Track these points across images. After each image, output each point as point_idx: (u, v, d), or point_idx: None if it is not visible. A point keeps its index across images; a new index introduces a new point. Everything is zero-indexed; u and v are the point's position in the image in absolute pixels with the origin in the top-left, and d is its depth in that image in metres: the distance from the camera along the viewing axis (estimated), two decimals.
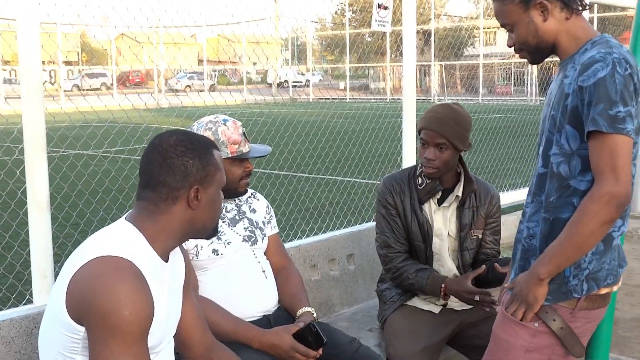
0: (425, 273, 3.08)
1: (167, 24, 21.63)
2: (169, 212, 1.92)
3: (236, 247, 2.83)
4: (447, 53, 36.87)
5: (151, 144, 1.97)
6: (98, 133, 6.84)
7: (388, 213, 3.20)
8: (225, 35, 35.18)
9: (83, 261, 1.80)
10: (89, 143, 7.21)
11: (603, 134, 2.01)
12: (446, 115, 3.04)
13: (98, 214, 6.20)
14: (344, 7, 41.92)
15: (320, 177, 9.97)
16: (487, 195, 3.22)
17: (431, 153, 3.03)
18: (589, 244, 2.08)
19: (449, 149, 3.03)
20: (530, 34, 2.22)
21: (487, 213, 3.21)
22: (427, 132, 3.04)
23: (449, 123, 3.02)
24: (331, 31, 42.68)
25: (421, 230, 3.15)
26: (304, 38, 39.03)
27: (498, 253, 3.27)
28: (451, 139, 3.01)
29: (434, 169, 3.05)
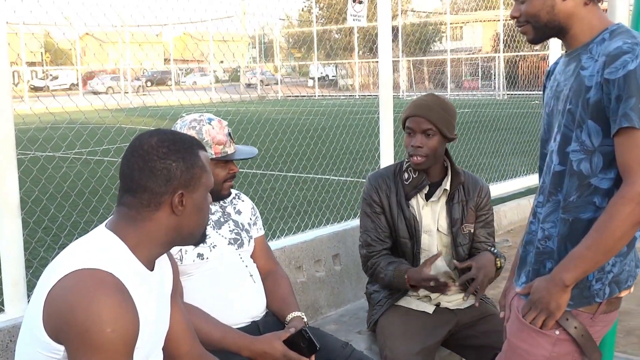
0: (393, 266, 3.00)
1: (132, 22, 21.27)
2: (152, 218, 1.78)
3: (222, 251, 2.71)
4: (414, 49, 36.98)
5: (131, 145, 1.82)
6: (70, 134, 6.64)
7: (372, 211, 3.11)
8: (191, 34, 34.87)
9: (60, 275, 1.66)
10: (60, 144, 7.02)
11: (634, 130, 1.90)
12: (432, 102, 2.99)
13: (71, 218, 6.03)
14: (311, 4, 41.86)
15: (294, 175, 9.87)
16: (476, 187, 3.14)
17: (418, 140, 2.95)
18: (618, 247, 1.97)
19: (436, 136, 2.95)
20: (545, 9, 2.08)
21: (477, 206, 3.13)
22: (414, 119, 2.97)
23: (435, 109, 2.96)
24: (298, 28, 42.59)
25: (408, 226, 3.06)
26: (271, 35, 38.87)
27: (494, 247, 3.18)
28: (438, 125, 2.94)
29: (422, 157, 2.96)
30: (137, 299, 1.71)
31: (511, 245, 6.06)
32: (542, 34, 2.15)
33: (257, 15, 42.83)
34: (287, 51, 43.66)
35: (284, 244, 3.75)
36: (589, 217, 2.02)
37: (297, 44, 40.70)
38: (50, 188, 6.14)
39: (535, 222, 2.20)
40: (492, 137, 12.23)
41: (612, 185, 2.00)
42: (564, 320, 2.07)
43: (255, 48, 38.67)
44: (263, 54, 40.95)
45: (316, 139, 9.73)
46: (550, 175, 2.14)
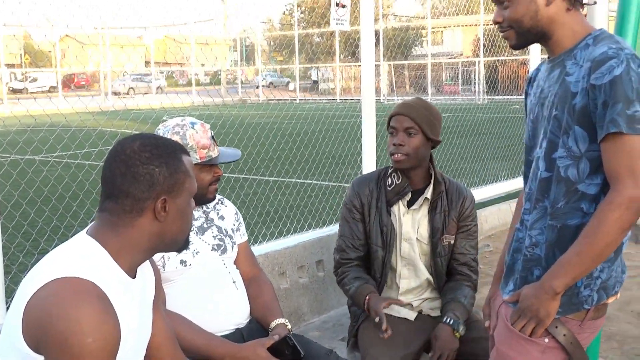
0: (358, 282, 3.00)
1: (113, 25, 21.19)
2: (134, 225, 1.75)
3: (205, 257, 2.69)
4: (395, 53, 37.08)
5: (113, 150, 1.79)
6: (50, 137, 6.56)
7: (351, 217, 3.10)
8: (173, 36, 34.71)
9: (40, 283, 1.62)
10: (40, 148, 6.94)
11: (621, 135, 1.89)
12: (415, 102, 3.00)
13: (51, 223, 5.95)
14: (292, 7, 41.85)
15: (276, 180, 9.84)
16: (460, 197, 3.11)
17: (399, 138, 2.94)
18: (607, 252, 1.97)
19: (418, 135, 2.94)
20: (529, 14, 2.08)
21: (459, 216, 3.09)
22: (396, 117, 2.97)
23: (419, 108, 2.96)
24: (280, 32, 42.56)
25: (382, 233, 3.04)
26: (253, 38, 38.82)
27: (475, 261, 3.17)
28: (420, 124, 2.93)
29: (403, 155, 2.94)
30: (118, 307, 1.68)
31: (492, 250, 6.07)
32: (525, 39, 2.15)
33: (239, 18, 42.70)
34: (268, 54, 43.61)
35: (267, 250, 3.73)
36: (577, 223, 2.02)
37: (279, 47, 40.67)
38: (30, 192, 6.07)
39: (522, 229, 2.19)
40: (472, 141, 12.28)
41: (599, 190, 2.00)
42: (553, 328, 2.06)
43: (237, 51, 38.58)
44: (244, 57, 40.86)
45: (298, 143, 9.71)
46: (536, 181, 2.13)
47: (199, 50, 25.16)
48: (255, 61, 40.31)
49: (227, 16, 26.41)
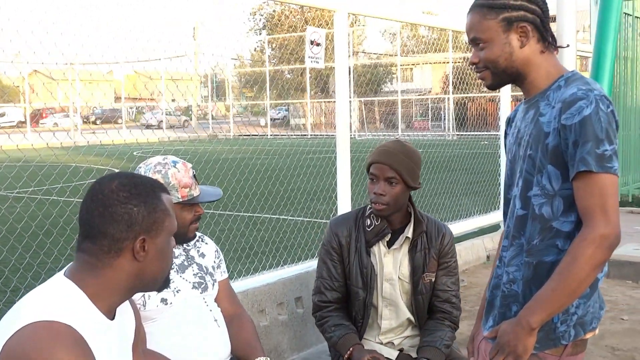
0: (342, 330, 2.99)
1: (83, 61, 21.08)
2: (113, 265, 1.73)
3: (186, 295, 2.66)
4: (365, 89, 37.46)
5: (91, 190, 1.78)
6: (9, 174, 6.47)
7: (329, 258, 3.09)
8: (143, 72, 34.63)
9: (16, 327, 1.59)
10: (13, 184, 6.84)
11: (592, 173, 1.95)
12: (396, 149, 2.96)
13: (24, 260, 5.85)
14: (264, 44, 42.13)
15: (249, 216, 9.80)
16: (439, 234, 3.10)
17: (381, 187, 2.93)
18: (582, 288, 2.00)
19: (399, 184, 2.94)
20: (504, 56, 2.14)
21: (439, 253, 3.09)
22: (377, 165, 2.95)
23: (399, 156, 2.94)
24: (250, 68, 42.77)
25: (362, 275, 3.03)
26: (223, 75, 38.92)
27: (456, 297, 3.15)
28: (402, 173, 2.92)
29: (384, 205, 2.94)
30: (96, 351, 1.65)
31: (467, 285, 6.10)
32: (500, 79, 2.21)
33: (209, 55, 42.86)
34: (238, 90, 43.72)
35: (246, 287, 3.70)
36: (552, 259, 2.06)
37: (249, 84, 40.84)
38: (2, 229, 5.96)
39: (501, 265, 2.23)
40: (443, 177, 12.39)
41: (573, 228, 2.04)
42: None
43: (207, 87, 38.64)
44: (215, 92, 40.92)
45: (274, 179, 9.69)
46: (513, 219, 2.18)
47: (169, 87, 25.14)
48: (226, 97, 40.37)
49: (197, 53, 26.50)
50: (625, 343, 4.63)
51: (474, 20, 2.18)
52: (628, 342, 4.64)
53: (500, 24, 2.12)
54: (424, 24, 7.86)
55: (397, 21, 7.68)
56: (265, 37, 42.55)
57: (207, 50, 27.80)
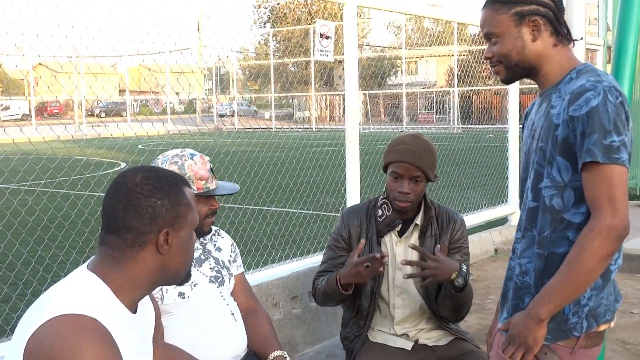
0: (328, 275, 2.98)
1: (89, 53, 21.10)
2: (136, 259, 1.73)
3: (203, 289, 2.67)
4: (370, 82, 37.40)
5: (114, 183, 1.78)
6: (21, 168, 6.48)
7: (335, 246, 3.11)
8: (147, 65, 34.57)
9: (42, 320, 1.60)
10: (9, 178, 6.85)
11: (599, 164, 1.96)
12: (419, 147, 2.97)
13: (21, 257, 5.86)
14: (268, 37, 42.06)
15: (257, 209, 9.81)
16: (450, 221, 3.12)
17: (406, 186, 2.94)
18: (590, 280, 2.01)
19: (422, 181, 2.97)
20: (516, 50, 2.16)
21: (450, 239, 3.09)
22: (403, 165, 2.94)
23: (423, 154, 2.95)
24: (255, 61, 42.70)
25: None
26: (228, 67, 38.88)
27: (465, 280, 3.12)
28: (426, 171, 2.95)
29: (409, 202, 2.97)
30: (120, 344, 1.66)
31: (475, 278, 6.11)
32: (514, 73, 2.22)
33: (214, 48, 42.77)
34: (243, 83, 43.70)
35: (260, 280, 3.72)
36: (564, 251, 2.06)
37: (254, 76, 40.80)
38: (14, 222, 5.98)
39: (513, 257, 2.25)
40: (450, 170, 12.38)
41: (584, 219, 2.05)
42: (543, 355, 2.10)
43: (212, 80, 38.60)
44: (219, 85, 40.89)
45: (283, 172, 9.68)
46: (525, 211, 2.20)
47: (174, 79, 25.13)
48: (231, 90, 40.35)
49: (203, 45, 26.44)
50: (635, 337, 4.63)
51: (487, 15, 2.20)
52: (639, 336, 4.65)
53: (512, 18, 2.14)
54: (431, 16, 7.84)
55: (405, 14, 7.66)
56: (269, 30, 42.50)
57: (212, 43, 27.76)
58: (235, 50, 33.67)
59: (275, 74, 37.58)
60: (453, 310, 3.00)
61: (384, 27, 50.30)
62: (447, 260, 2.83)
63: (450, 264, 2.83)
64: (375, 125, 34.50)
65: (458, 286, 2.83)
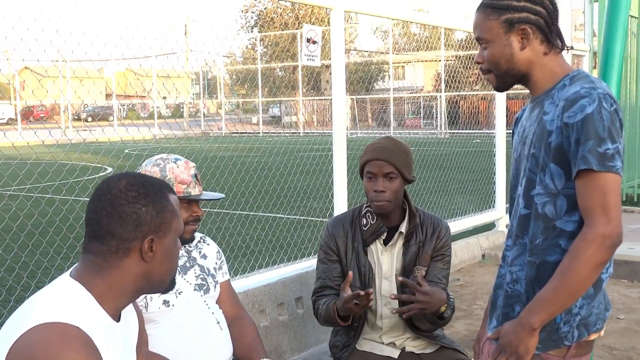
0: (328, 300, 2.95)
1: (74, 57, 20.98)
2: (120, 266, 1.71)
3: (188, 297, 2.64)
4: (358, 87, 37.45)
5: (98, 189, 1.76)
6: (5, 173, 6.41)
7: (327, 258, 3.09)
8: (134, 69, 34.45)
9: (24, 328, 1.57)
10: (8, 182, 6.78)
11: (593, 172, 1.95)
12: (390, 144, 2.97)
13: (5, 263, 5.79)
14: (255, 42, 42.04)
15: (244, 214, 9.77)
16: (436, 229, 3.09)
17: (380, 184, 2.93)
18: (583, 289, 1.99)
19: (397, 179, 2.94)
20: (504, 58, 2.15)
21: (434, 247, 3.07)
22: (375, 162, 2.94)
23: (395, 151, 2.94)
24: (242, 65, 42.66)
25: (360, 274, 3.02)
26: (216, 72, 38.83)
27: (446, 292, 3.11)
28: (399, 167, 2.93)
29: (385, 201, 2.93)
30: (103, 352, 1.64)
31: (462, 284, 6.10)
32: (505, 82, 2.21)
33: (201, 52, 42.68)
34: (230, 87, 43.64)
35: (246, 287, 3.68)
36: (555, 259, 2.05)
37: (241, 81, 40.76)
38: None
39: (504, 265, 2.23)
40: (437, 175, 12.36)
41: (576, 227, 2.03)
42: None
43: (199, 84, 38.53)
44: (206, 89, 40.83)
45: (270, 177, 9.64)
46: (516, 218, 2.18)
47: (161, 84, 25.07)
48: (218, 94, 40.28)
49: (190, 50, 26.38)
50: (622, 342, 4.64)
51: (479, 19, 2.19)
52: (625, 342, 4.65)
53: (502, 25, 2.13)
54: (418, 22, 7.85)
55: (392, 19, 7.66)
56: (257, 35, 42.48)
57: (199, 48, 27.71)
58: (222, 55, 33.64)
59: (263, 78, 37.55)
60: (431, 327, 3.00)
61: (371, 32, 50.38)
62: (436, 293, 2.80)
63: (439, 296, 2.80)
64: (362, 130, 34.49)
65: (446, 317, 2.84)
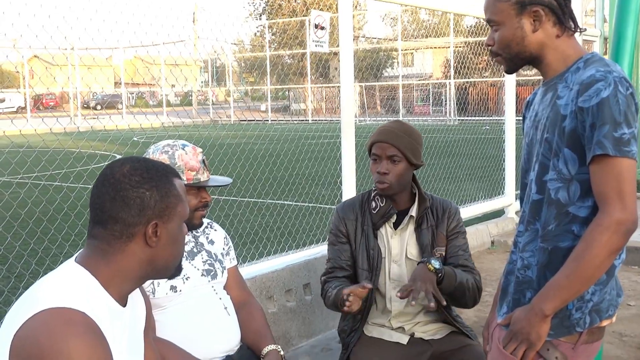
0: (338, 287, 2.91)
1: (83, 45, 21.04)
2: (125, 251, 1.69)
3: (195, 283, 2.63)
4: (366, 74, 37.32)
5: (102, 174, 1.74)
6: (12, 160, 6.41)
7: (337, 241, 3.07)
8: (142, 57, 34.46)
9: (29, 314, 1.56)
10: (2, 171, 6.78)
11: (608, 157, 1.90)
12: (397, 128, 2.96)
13: (13, 250, 5.80)
14: (264, 29, 41.92)
15: (252, 201, 9.77)
16: (445, 211, 3.07)
17: (383, 166, 2.91)
18: (597, 275, 1.96)
19: (402, 162, 2.92)
20: (515, 40, 2.11)
21: (447, 229, 3.06)
22: (379, 144, 2.94)
23: (400, 135, 2.93)
24: (251, 53, 42.58)
25: (368, 257, 3.00)
26: (224, 59, 38.77)
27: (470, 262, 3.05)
28: (403, 150, 2.91)
29: (387, 183, 2.92)
30: (110, 338, 1.62)
31: None
32: (515, 64, 2.17)
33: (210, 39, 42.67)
34: (239, 75, 43.58)
35: (254, 273, 3.67)
36: (568, 245, 2.01)
37: (250, 69, 40.68)
38: (6, 215, 5.92)
39: (515, 251, 2.20)
40: (446, 162, 12.33)
41: (590, 213, 2.00)
42: (545, 351, 2.05)
43: (207, 72, 38.49)
44: (215, 77, 40.79)
45: (278, 164, 9.62)
46: (529, 204, 2.14)
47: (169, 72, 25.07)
48: (227, 82, 40.24)
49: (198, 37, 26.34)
50: (632, 329, 4.61)
51: (490, 1, 2.14)
52: (635, 328, 4.63)
53: (513, 7, 2.08)
54: (427, 7, 7.78)
55: (401, 4, 7.60)
56: (265, 22, 42.36)
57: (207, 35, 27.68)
58: (230, 42, 33.57)
59: (271, 66, 37.49)
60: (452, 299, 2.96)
61: (379, 19, 50.21)
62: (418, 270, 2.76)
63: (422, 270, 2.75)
64: (371, 117, 34.43)
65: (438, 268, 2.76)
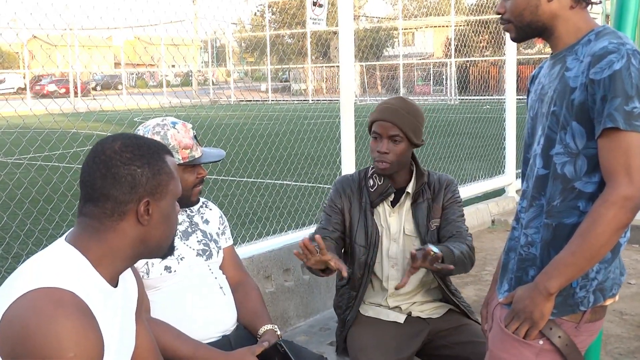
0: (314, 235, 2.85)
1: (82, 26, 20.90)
2: (116, 230, 1.65)
3: (190, 263, 2.60)
4: (367, 54, 37.14)
5: (92, 151, 1.69)
6: (8, 140, 6.37)
7: (332, 210, 3.03)
8: (142, 38, 34.25)
9: (16, 295, 1.52)
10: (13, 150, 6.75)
11: (618, 131, 1.85)
12: (399, 106, 2.89)
13: (25, 227, 5.79)
14: (264, 8, 41.68)
15: (252, 181, 9.75)
16: (442, 183, 3.02)
17: (384, 145, 2.86)
18: (603, 252, 1.91)
19: (402, 142, 2.87)
20: (529, 9, 2.05)
21: (444, 199, 3.00)
22: (380, 123, 2.87)
23: (403, 114, 2.86)
24: (251, 32, 42.35)
25: (366, 234, 2.97)
26: (224, 39, 38.60)
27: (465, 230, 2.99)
28: (405, 130, 2.85)
29: (387, 163, 2.87)
30: (100, 318, 1.58)
31: None
32: (524, 33, 2.12)
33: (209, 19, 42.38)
34: (239, 55, 43.40)
35: (252, 253, 3.64)
36: (573, 222, 1.97)
37: (250, 49, 40.49)
38: (2, 196, 5.90)
39: (518, 227, 2.15)
40: (447, 141, 12.29)
41: (596, 189, 1.95)
42: (548, 330, 2.01)
43: (207, 52, 38.33)
44: (215, 58, 40.62)
45: (277, 144, 9.59)
46: (533, 179, 2.09)
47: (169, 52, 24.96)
48: (227, 62, 40.08)
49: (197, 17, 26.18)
50: (633, 307, 4.60)
51: None
52: (636, 307, 4.61)
53: None
54: None
55: None
56: (265, 1, 42.11)
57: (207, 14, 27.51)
58: (230, 22, 33.41)
59: (272, 45, 37.31)
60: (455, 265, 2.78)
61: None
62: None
63: None
64: (371, 97, 34.30)
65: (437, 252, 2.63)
